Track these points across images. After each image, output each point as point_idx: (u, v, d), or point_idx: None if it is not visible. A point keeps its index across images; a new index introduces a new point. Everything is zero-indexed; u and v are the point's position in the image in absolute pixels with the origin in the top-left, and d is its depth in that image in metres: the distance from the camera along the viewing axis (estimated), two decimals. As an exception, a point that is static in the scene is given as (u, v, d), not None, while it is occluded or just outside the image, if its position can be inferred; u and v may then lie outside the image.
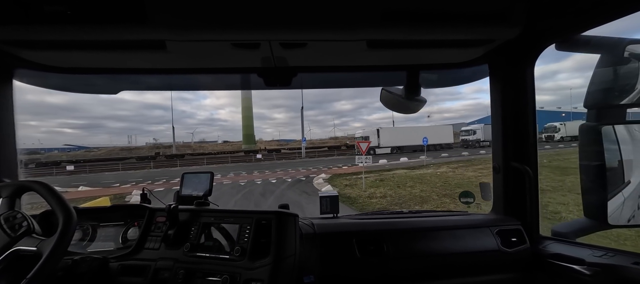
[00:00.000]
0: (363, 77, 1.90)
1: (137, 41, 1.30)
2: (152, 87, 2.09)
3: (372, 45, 1.39)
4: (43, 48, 1.36)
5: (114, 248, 1.55)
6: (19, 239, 1.11)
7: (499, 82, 1.73)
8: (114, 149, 48.73)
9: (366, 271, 1.56)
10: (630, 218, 1.37)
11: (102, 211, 1.69)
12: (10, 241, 1.08)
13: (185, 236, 1.48)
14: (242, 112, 58.23)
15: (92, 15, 1.10)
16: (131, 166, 35.80)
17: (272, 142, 63.82)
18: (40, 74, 1.60)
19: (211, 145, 57.95)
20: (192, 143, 57.76)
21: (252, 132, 59.42)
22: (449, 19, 1.20)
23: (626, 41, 1.34)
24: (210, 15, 1.12)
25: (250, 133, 58.47)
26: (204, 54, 1.48)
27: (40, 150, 59.73)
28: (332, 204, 1.89)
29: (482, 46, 1.51)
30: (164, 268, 1.39)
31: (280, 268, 1.30)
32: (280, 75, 1.73)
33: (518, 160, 1.70)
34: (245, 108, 57.86)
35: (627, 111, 1.42)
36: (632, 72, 1.36)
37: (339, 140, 64.26)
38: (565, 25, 1.36)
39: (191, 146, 52.06)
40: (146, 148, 48.28)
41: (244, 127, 57.77)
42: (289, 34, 1.27)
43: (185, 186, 1.71)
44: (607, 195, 1.36)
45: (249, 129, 58.41)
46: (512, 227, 1.69)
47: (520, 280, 1.65)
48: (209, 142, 67.77)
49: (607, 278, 1.29)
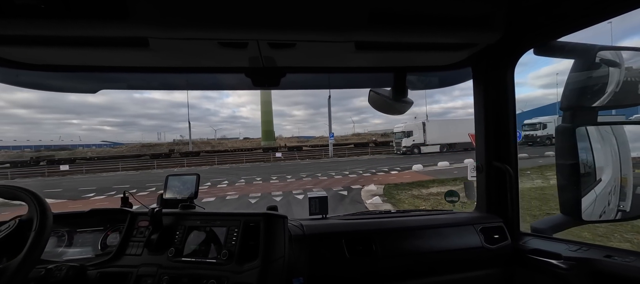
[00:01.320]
0: (351, 78, 1.93)
1: (117, 38, 1.25)
2: (134, 86, 2.02)
3: (360, 46, 1.40)
4: (15, 44, 1.28)
5: (92, 254, 1.47)
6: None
7: (481, 84, 1.79)
8: (135, 145, 48.45)
9: (355, 271, 1.57)
10: (602, 213, 1.45)
11: (79, 216, 1.60)
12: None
13: (169, 240, 1.42)
14: (261, 107, 55.31)
15: (68, 9, 1.03)
16: (132, 166, 32.75)
17: (292, 138, 61.09)
18: (12, 72, 1.51)
19: (231, 142, 56.73)
20: (211, 140, 57.51)
21: (271, 128, 55.93)
22: (434, 23, 1.24)
23: (597, 47, 1.41)
24: (195, 12, 1.09)
25: (269, 129, 55.06)
26: (189, 53, 1.43)
27: (79, 146, 60.87)
28: (321, 205, 1.89)
29: (465, 49, 1.56)
30: (146, 274, 1.33)
31: (269, 271, 1.29)
32: (269, 75, 1.71)
33: (499, 160, 1.77)
34: (264, 102, 54.83)
35: (598, 113, 1.49)
36: (603, 77, 1.44)
37: (362, 136, 60.10)
38: (543, 32, 1.43)
39: (211, 143, 50.69)
40: (165, 145, 48.67)
41: (263, 123, 54.73)
42: (277, 34, 1.26)
43: (169, 189, 1.66)
44: (581, 192, 1.43)
45: (268, 125, 55.09)
46: (494, 224, 1.75)
47: (503, 275, 1.70)
48: (229, 139, 67.56)
49: (581, 271, 1.36)
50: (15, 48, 1.34)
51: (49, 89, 1.89)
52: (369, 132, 67.94)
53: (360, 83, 2.08)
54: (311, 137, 61.29)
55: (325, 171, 21.25)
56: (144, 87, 2.06)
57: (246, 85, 1.80)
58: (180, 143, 47.68)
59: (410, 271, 1.64)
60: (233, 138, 68.10)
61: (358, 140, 52.86)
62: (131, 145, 48.87)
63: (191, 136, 48.20)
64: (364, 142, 50.17)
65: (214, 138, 64.23)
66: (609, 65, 1.44)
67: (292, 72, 1.75)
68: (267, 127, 54.99)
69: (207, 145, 46.93)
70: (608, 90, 1.42)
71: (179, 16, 1.10)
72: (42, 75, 1.60)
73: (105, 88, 1.93)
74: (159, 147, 43.93)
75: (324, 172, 20.90)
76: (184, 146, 43.95)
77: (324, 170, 22.12)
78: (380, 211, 2.13)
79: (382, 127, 60.68)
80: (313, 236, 1.60)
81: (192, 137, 49.08)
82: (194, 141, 48.68)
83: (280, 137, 61.85)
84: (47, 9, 1.02)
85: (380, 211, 2.13)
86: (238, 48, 1.38)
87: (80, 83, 1.83)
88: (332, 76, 1.87)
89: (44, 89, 1.86)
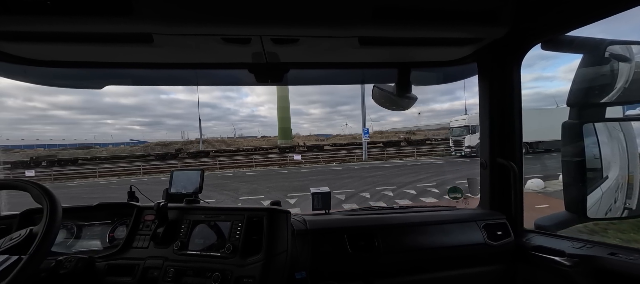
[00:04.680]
0: (355, 74, 1.92)
1: (122, 34, 1.26)
2: (138, 81, 2.04)
3: (364, 42, 1.39)
4: (23, 40, 1.30)
5: (100, 247, 1.51)
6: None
7: (487, 80, 1.77)
8: (149, 144, 48.85)
9: (357, 266, 1.58)
10: (608, 211, 1.45)
11: (88, 209, 1.64)
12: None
13: (174, 234, 1.45)
14: (277, 103, 51.61)
15: (75, 6, 1.05)
16: (120, 171, 24.97)
17: (310, 136, 58.39)
18: (20, 68, 1.54)
19: (247, 141, 55.68)
20: (227, 139, 57.44)
21: (288, 125, 51.88)
22: (439, 17, 1.22)
23: (607, 42, 1.39)
24: (199, 8, 1.10)
25: (286, 126, 51.03)
26: (192, 49, 1.44)
27: (109, 145, 62.48)
28: (324, 200, 1.90)
29: (471, 45, 1.54)
30: (153, 266, 1.36)
31: (272, 265, 1.30)
32: (272, 71, 1.71)
33: (503, 156, 1.75)
34: (280, 97, 51.16)
35: (606, 109, 1.47)
36: (612, 72, 1.42)
37: (385, 134, 52.96)
38: (550, 26, 1.39)
39: (226, 142, 49.78)
40: (180, 143, 48.69)
41: (279, 120, 50.72)
42: (280, 29, 1.26)
43: (175, 184, 1.69)
44: (587, 189, 1.42)
45: (285, 122, 51.07)
46: (497, 221, 1.74)
47: (505, 272, 1.70)
48: (246, 137, 67.48)
49: (585, 268, 1.35)
50: (22, 44, 1.36)
51: (56, 85, 1.93)
52: (388, 130, 65.36)
53: (363, 79, 2.08)
54: (329, 135, 58.71)
55: (393, 190, 12.79)
56: (147, 82, 2.09)
57: (250, 81, 1.80)
58: (197, 142, 47.59)
59: (412, 267, 1.64)
60: (251, 137, 68.20)
61: (382, 138, 46.15)
62: (147, 144, 49.18)
63: (208, 134, 46.88)
64: (393, 140, 43.40)
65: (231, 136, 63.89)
66: (619, 60, 1.41)
67: (296, 68, 1.74)
68: (284, 123, 51.27)
69: (221, 144, 45.54)
70: (617, 85, 1.40)
71: (183, 12, 1.11)
72: (48, 71, 1.62)
73: (111, 84, 1.96)
74: (173, 146, 42.70)
75: (399, 193, 12.36)
76: (198, 146, 43.12)
77: (383, 185, 13.87)
78: (382, 207, 2.16)
79: (400, 124, 58.58)
80: (316, 231, 1.61)
81: (213, 135, 48.28)
82: (209, 139, 48.08)
83: (297, 135, 58.10)
84: (53, 5, 1.04)
85: (382, 207, 2.16)
86: (241, 44, 1.38)
87: (86, 79, 1.87)
88: (335, 72, 1.87)
89: (51, 85, 1.91)
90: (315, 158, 28.66)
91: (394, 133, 54.10)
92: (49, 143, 66.77)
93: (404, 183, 14.11)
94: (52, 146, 58.99)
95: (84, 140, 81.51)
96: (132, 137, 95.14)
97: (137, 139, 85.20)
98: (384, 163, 25.29)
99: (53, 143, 67.27)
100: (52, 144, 65.14)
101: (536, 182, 10.47)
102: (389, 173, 18.38)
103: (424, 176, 15.83)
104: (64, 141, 75.34)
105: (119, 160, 34.85)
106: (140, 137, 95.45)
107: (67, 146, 58.80)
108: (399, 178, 16.03)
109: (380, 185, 13.98)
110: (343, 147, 39.24)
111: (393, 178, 16.21)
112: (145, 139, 77.50)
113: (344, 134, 56.26)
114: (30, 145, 57.08)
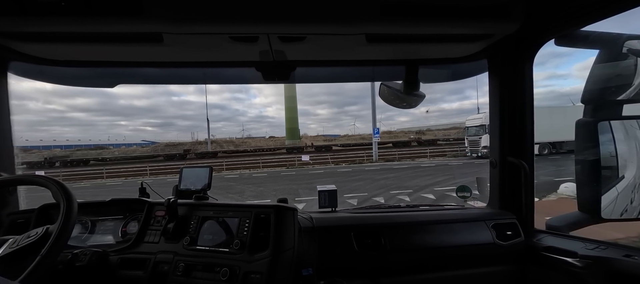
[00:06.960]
0: (362, 71, 1.91)
1: (133, 34, 1.29)
2: (149, 80, 2.07)
3: (371, 39, 1.38)
4: (38, 40, 1.34)
5: (113, 241, 1.56)
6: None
7: (497, 77, 1.73)
8: (159, 145, 49.13)
9: (364, 264, 1.58)
10: (623, 212, 1.40)
11: (101, 205, 1.68)
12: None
13: (184, 230, 1.48)
14: (285, 103, 50.86)
15: (88, 7, 1.08)
16: (119, 172, 24.87)
17: (318, 137, 58.30)
18: (35, 67, 1.58)
19: (255, 141, 55.99)
20: (235, 139, 57.52)
21: (296, 125, 51.12)
22: (448, 13, 1.20)
23: (625, 37, 1.34)
24: (207, 7, 1.11)
25: (294, 126, 50.32)
26: (201, 47, 1.47)
27: (122, 145, 63.69)
28: (330, 198, 1.91)
29: (481, 41, 1.51)
30: (163, 261, 1.40)
31: (279, 261, 1.31)
32: (279, 69, 1.72)
33: (514, 155, 1.71)
34: (288, 98, 50.30)
35: (623, 107, 1.42)
36: (630, 68, 1.37)
37: (394, 134, 51.51)
38: (564, 20, 1.35)
39: (234, 142, 49.92)
40: (189, 144, 48.84)
41: (287, 120, 50.11)
42: (287, 28, 1.26)
43: (184, 181, 1.72)
44: (601, 189, 1.38)
45: (293, 122, 50.32)
46: (507, 221, 1.71)
47: (515, 272, 1.67)
48: (254, 137, 67.75)
49: (598, 270, 1.31)
50: (38, 44, 1.41)
51: (69, 84, 1.99)
52: (397, 130, 64.67)
53: (371, 76, 2.08)
54: (336, 136, 58.35)
55: (409, 194, 11.63)
56: (158, 81, 2.12)
57: (257, 79, 1.81)
58: (195, 143, 47.42)
59: (419, 266, 1.63)
60: (259, 137, 68.48)
61: (391, 138, 44.68)
62: (157, 145, 49.45)
63: (218, 135, 46.97)
64: (403, 140, 41.85)
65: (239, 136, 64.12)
66: (637, 56, 1.36)
67: (302, 66, 1.75)
68: (292, 124, 50.43)
69: (230, 144, 45.56)
70: (635, 82, 1.35)
71: (192, 11, 1.13)
72: (63, 71, 1.67)
73: (122, 83, 1.99)
74: (182, 146, 42.69)
75: (416, 197, 11.20)
76: (206, 146, 43.02)
77: (397, 189, 12.86)
78: (389, 205, 2.13)
79: (409, 124, 57.91)
80: (322, 229, 1.61)
81: (222, 136, 48.26)
82: (217, 140, 48.19)
83: (305, 136, 56.21)
84: (67, 6, 1.07)
85: (389, 205, 2.13)
86: (249, 43, 1.39)
87: (99, 78, 1.91)
88: (342, 69, 1.86)
89: (65, 84, 1.96)
90: (323, 159, 27.76)
91: (403, 133, 52.94)
92: (66, 144, 67.84)
93: (421, 187, 13.06)
94: (69, 146, 59.87)
95: (99, 141, 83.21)
96: (144, 138, 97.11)
97: (149, 140, 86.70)
98: (395, 165, 23.81)
99: (69, 144, 68.37)
100: (68, 144, 66.28)
101: (570, 186, 8.95)
102: (403, 175, 17.28)
103: (441, 179, 14.72)
104: (80, 141, 76.63)
105: (129, 160, 35.01)
106: (152, 138, 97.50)
107: (83, 146, 59.61)
108: (414, 180, 14.87)
109: (394, 188, 13.05)
110: (352, 148, 38.37)
111: (407, 180, 15.05)
112: (157, 140, 78.82)
113: (351, 134, 55.69)
114: (48, 145, 58.01)
